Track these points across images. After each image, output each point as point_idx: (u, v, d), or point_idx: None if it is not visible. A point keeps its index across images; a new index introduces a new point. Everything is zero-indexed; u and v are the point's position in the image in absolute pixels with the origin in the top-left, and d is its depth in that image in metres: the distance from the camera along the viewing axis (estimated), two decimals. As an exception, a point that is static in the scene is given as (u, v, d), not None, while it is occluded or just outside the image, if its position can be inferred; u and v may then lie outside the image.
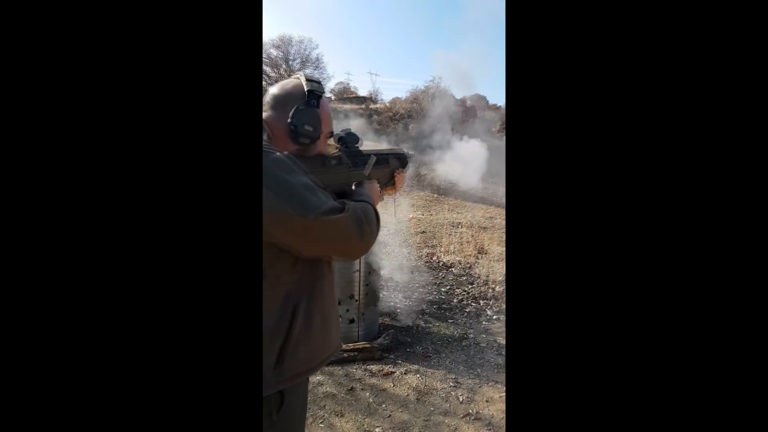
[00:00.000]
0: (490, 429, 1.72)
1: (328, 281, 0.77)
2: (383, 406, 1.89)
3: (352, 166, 0.85)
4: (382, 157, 0.93)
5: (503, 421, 1.77)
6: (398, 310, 2.93)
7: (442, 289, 3.34)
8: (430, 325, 2.72)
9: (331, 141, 0.90)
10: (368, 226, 0.69)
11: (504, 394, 1.98)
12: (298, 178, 0.64)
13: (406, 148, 1.07)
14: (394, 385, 2.05)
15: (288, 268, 0.69)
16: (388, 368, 2.20)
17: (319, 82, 0.79)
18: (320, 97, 0.78)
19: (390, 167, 0.97)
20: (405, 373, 2.15)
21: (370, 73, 28.74)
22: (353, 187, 0.85)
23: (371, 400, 1.93)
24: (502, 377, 2.13)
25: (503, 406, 1.87)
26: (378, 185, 0.90)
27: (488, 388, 2.03)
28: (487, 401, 1.92)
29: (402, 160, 1.01)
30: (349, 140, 0.87)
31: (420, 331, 2.62)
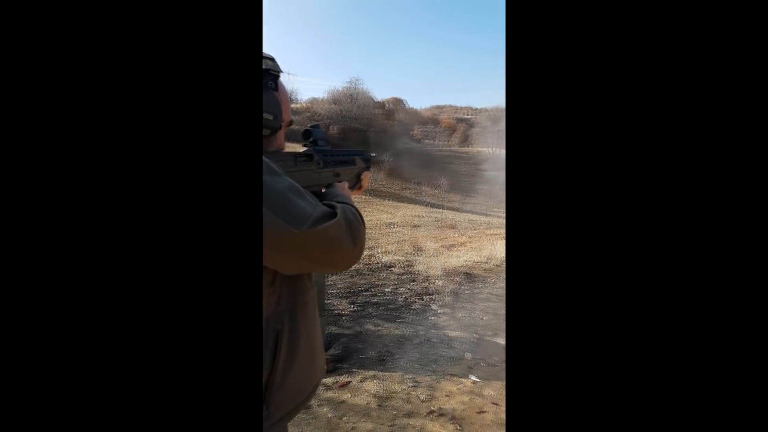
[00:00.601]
0: (454, 422, 1.75)
1: (311, 297, 0.67)
2: (344, 419, 1.81)
3: (324, 165, 0.77)
4: (349, 158, 0.88)
5: (465, 413, 1.81)
6: (344, 317, 2.85)
7: (386, 290, 3.34)
8: (380, 328, 2.70)
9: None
10: (360, 229, 0.61)
11: (461, 386, 2.04)
12: (282, 180, 0.54)
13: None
14: (352, 395, 1.98)
15: (266, 287, 0.58)
16: (343, 378, 2.12)
17: (273, 59, 0.65)
18: (278, 77, 0.66)
19: (357, 168, 0.92)
20: (362, 381, 2.10)
21: (283, 73, 27.49)
22: (323, 189, 0.76)
23: (331, 415, 1.84)
24: (458, 369, 2.19)
25: (463, 398, 1.93)
26: (348, 186, 0.84)
27: (446, 383, 2.07)
28: (447, 395, 1.95)
29: (367, 161, 0.97)
30: (318, 136, 0.79)
31: (370, 336, 2.59)
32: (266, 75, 0.63)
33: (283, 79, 0.73)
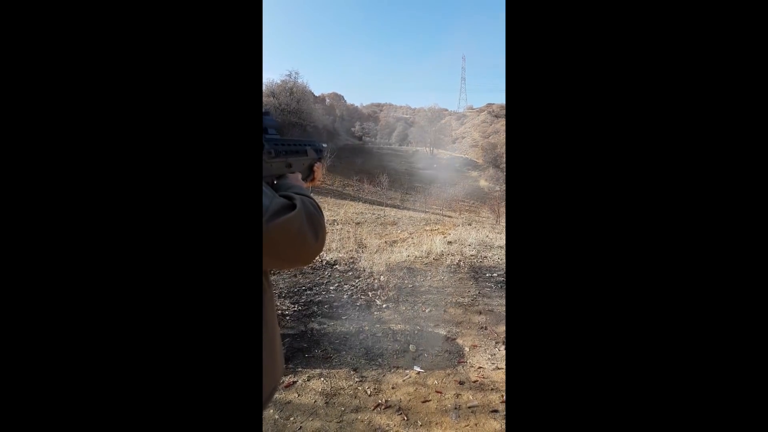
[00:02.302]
0: (400, 413, 1.81)
1: (269, 296, 0.66)
2: (291, 419, 1.79)
3: (275, 154, 0.74)
4: (300, 147, 0.84)
5: (411, 403, 1.89)
6: (288, 317, 2.78)
7: (331, 288, 3.32)
8: (325, 326, 2.68)
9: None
10: (321, 221, 0.61)
11: (407, 377, 2.12)
12: None
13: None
14: (298, 395, 1.95)
15: None
16: (288, 379, 2.08)
17: None
18: None
19: (309, 159, 0.87)
20: (308, 380, 2.07)
21: None
22: (275, 181, 0.74)
23: (277, 417, 1.79)
24: (402, 361, 2.27)
25: (409, 389, 2.00)
26: (301, 178, 0.81)
27: (391, 375, 2.13)
28: (393, 388, 2.01)
29: (318, 151, 0.94)
30: (268, 124, 0.75)
31: (315, 334, 2.56)
32: None
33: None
